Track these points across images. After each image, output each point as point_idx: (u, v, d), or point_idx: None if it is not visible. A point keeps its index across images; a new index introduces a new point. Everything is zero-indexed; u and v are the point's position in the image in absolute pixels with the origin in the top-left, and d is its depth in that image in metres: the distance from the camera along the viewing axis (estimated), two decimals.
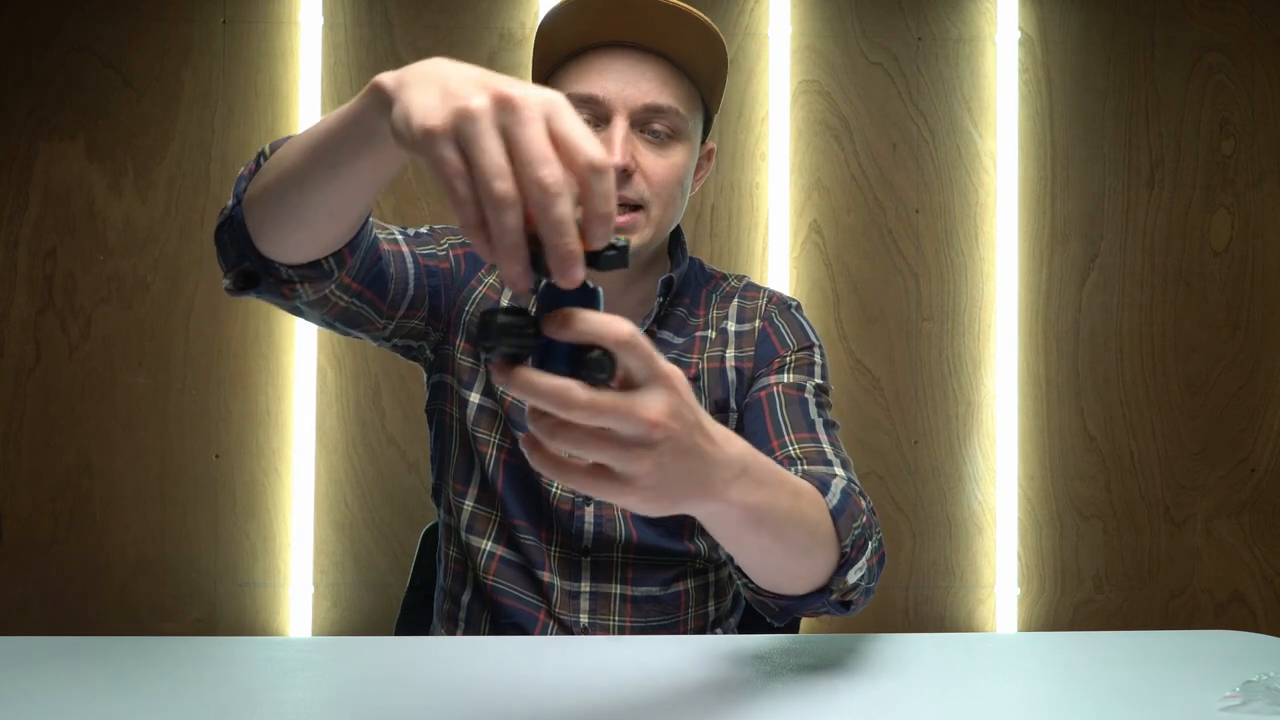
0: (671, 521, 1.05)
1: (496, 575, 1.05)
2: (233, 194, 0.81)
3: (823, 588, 0.80)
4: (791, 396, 1.01)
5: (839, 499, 0.82)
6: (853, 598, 0.83)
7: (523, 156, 0.49)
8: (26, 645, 0.84)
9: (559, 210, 0.49)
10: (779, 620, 0.83)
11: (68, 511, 1.92)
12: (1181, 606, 2.04)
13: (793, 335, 1.09)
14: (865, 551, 0.82)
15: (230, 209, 0.81)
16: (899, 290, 2.01)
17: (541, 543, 1.04)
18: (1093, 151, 2.04)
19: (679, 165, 0.99)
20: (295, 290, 0.85)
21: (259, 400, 1.94)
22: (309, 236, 0.78)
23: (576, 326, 0.50)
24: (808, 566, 0.77)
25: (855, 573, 0.81)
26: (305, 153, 0.70)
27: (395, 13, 1.95)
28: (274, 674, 0.79)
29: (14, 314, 1.92)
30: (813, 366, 1.07)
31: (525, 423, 1.03)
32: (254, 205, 0.78)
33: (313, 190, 0.71)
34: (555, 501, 1.03)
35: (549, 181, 0.49)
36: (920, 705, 0.73)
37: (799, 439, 0.96)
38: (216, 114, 1.94)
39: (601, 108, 0.96)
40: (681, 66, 0.99)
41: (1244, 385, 2.04)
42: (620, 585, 1.04)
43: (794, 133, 2.00)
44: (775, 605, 0.82)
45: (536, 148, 0.49)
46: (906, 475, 2.01)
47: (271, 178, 0.75)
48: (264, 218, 0.77)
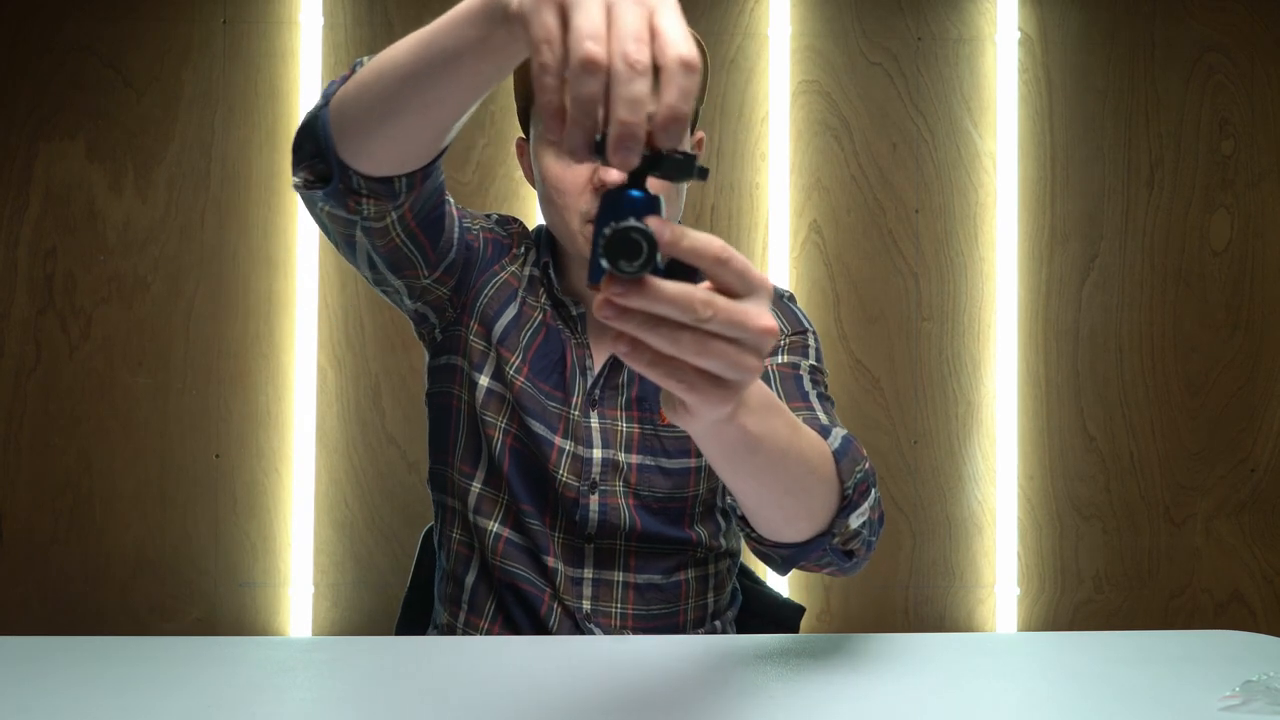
0: (674, 509, 1.06)
1: (504, 556, 1.06)
2: (321, 95, 0.83)
3: (825, 532, 0.80)
4: (786, 374, 1.03)
5: (840, 442, 0.83)
6: (854, 546, 0.83)
7: (619, 32, 0.50)
8: (26, 645, 0.84)
9: (636, 88, 0.49)
10: (782, 570, 0.84)
11: (68, 511, 1.92)
12: (1181, 606, 2.04)
13: (786, 321, 1.11)
14: (868, 498, 0.83)
15: (318, 109, 0.82)
16: (899, 290, 2.01)
17: (546, 528, 1.06)
18: (1092, 151, 2.04)
19: None
20: (360, 205, 0.87)
21: (259, 400, 1.94)
22: (395, 144, 0.80)
23: (683, 244, 0.50)
24: (806, 504, 0.77)
25: (857, 517, 0.81)
26: (415, 47, 0.72)
27: (395, 13, 1.95)
28: (274, 674, 0.79)
29: (14, 314, 1.92)
30: (806, 349, 1.09)
31: (533, 409, 1.05)
32: (346, 105, 0.79)
33: (415, 85, 0.72)
34: (560, 489, 1.05)
35: (635, 57, 0.49)
36: (920, 705, 0.73)
37: (793, 407, 0.97)
38: (217, 114, 1.94)
39: None
40: None
41: (1244, 385, 2.04)
42: (623, 573, 1.06)
43: (794, 133, 2.00)
44: (778, 555, 0.83)
45: (634, 26, 0.50)
46: (906, 475, 2.01)
47: (373, 75, 0.76)
48: (356, 116, 0.79)
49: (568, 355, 1.08)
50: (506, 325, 1.09)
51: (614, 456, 1.05)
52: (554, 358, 1.08)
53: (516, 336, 1.07)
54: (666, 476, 1.06)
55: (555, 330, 1.09)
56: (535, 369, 1.07)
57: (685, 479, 1.06)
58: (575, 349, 1.09)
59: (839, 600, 2.00)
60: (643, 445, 1.06)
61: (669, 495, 1.06)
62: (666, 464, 1.06)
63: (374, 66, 0.77)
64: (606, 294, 0.50)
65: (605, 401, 1.07)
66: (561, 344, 1.09)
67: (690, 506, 1.07)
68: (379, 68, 0.76)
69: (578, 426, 1.06)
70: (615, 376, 1.08)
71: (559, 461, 1.05)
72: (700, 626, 1.10)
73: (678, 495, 1.06)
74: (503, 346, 1.08)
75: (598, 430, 1.06)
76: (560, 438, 1.05)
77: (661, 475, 1.06)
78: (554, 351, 1.09)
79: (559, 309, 1.10)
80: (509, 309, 1.09)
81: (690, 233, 0.51)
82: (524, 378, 1.06)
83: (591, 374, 1.08)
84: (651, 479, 1.06)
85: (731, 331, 0.51)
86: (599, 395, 1.08)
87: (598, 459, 1.05)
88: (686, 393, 0.53)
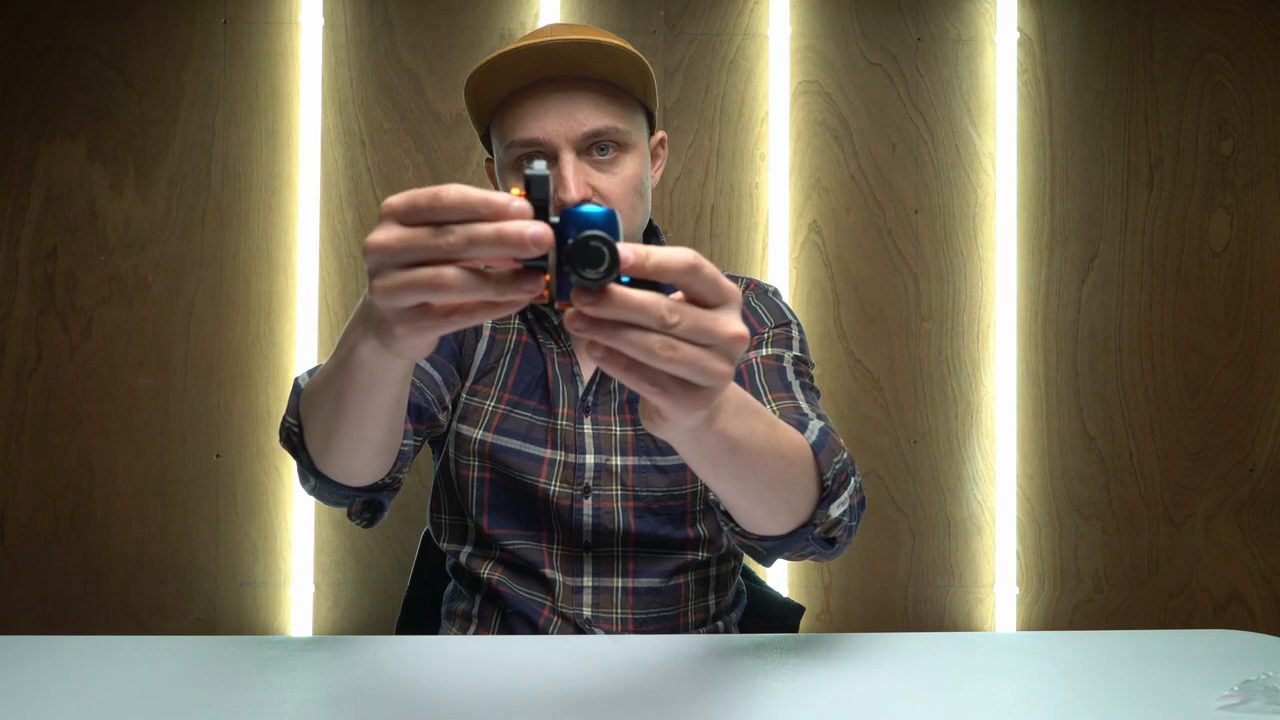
0: (674, 508, 1.07)
1: (501, 583, 1.08)
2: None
3: (806, 523, 0.81)
4: (770, 366, 1.04)
5: (817, 435, 0.84)
6: (836, 534, 0.84)
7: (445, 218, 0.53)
8: (26, 645, 0.84)
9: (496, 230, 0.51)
10: (765, 561, 0.85)
11: (68, 511, 1.92)
12: (1180, 606, 2.04)
13: (770, 314, 1.12)
14: (848, 488, 0.84)
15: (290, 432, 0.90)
16: (899, 290, 2.02)
17: (542, 543, 1.07)
18: (1092, 152, 2.04)
19: (632, 176, 1.03)
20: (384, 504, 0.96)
21: (259, 400, 1.94)
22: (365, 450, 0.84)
23: (648, 265, 0.52)
24: (786, 498, 0.78)
25: (838, 507, 0.82)
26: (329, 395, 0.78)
27: (395, 13, 1.96)
28: (274, 673, 0.79)
29: (15, 314, 1.92)
30: (790, 340, 1.10)
31: (518, 431, 1.08)
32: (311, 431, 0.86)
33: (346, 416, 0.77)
34: (554, 499, 1.06)
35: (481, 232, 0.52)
36: (920, 705, 0.73)
37: (775, 398, 0.98)
38: (217, 114, 1.94)
39: (546, 147, 0.99)
40: (612, 83, 1.02)
41: (1243, 385, 2.05)
42: (622, 578, 1.07)
43: (794, 133, 2.01)
44: (761, 548, 0.84)
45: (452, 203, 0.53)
46: (906, 475, 2.01)
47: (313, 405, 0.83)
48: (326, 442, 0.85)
49: (549, 369, 1.09)
50: (480, 363, 1.10)
51: (608, 461, 1.07)
52: (535, 374, 1.10)
53: (492, 368, 1.10)
54: (663, 474, 1.07)
55: (532, 347, 1.11)
56: (517, 390, 1.09)
57: (682, 475, 1.07)
58: (559, 359, 1.10)
59: (839, 600, 2.01)
60: (637, 446, 1.07)
61: (667, 493, 1.07)
62: (662, 461, 1.07)
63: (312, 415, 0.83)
64: (577, 305, 0.52)
65: (599, 407, 1.08)
66: (541, 359, 1.10)
67: (690, 504, 1.08)
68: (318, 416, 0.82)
69: (567, 435, 1.07)
70: (608, 382, 1.09)
71: (550, 473, 1.06)
72: (702, 628, 1.11)
73: (676, 493, 1.07)
74: (478, 384, 1.10)
75: (591, 436, 1.07)
76: (550, 449, 1.07)
77: (658, 473, 1.07)
78: (534, 369, 1.10)
79: (540, 321, 1.11)
80: (479, 346, 1.11)
81: (655, 251, 0.52)
82: (505, 404, 1.08)
83: (582, 381, 1.09)
84: (649, 478, 1.07)
85: (700, 337, 0.53)
86: (592, 401, 1.08)
87: (590, 464, 1.06)
88: (660, 398, 0.55)
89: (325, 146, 1.95)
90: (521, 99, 1.00)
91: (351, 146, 1.95)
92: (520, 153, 1.00)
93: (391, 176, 1.96)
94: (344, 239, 1.95)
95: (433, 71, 1.96)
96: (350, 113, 1.95)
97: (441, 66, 1.96)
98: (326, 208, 1.95)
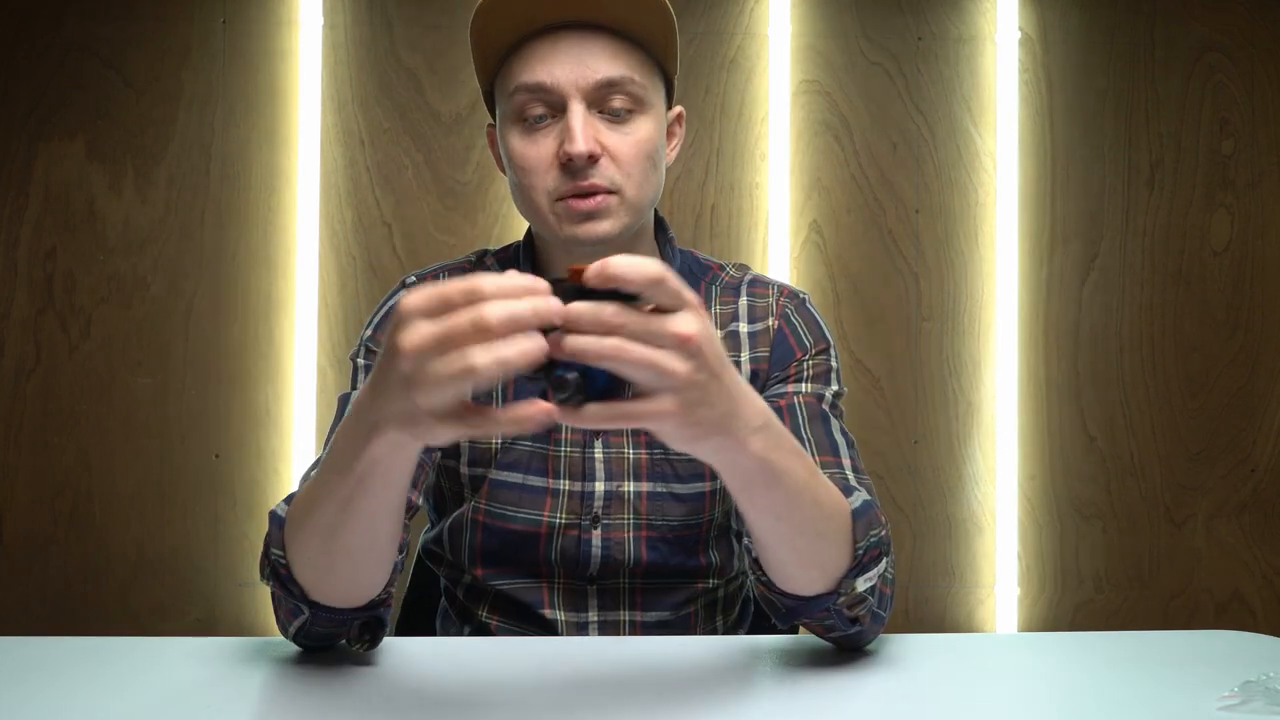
0: (688, 537, 1.01)
1: (498, 627, 1.02)
2: None
3: (832, 591, 0.78)
4: (814, 409, 0.98)
5: (860, 504, 0.81)
6: (859, 613, 0.79)
7: None
8: (26, 645, 0.84)
9: None
10: (784, 622, 0.82)
11: (68, 511, 1.92)
12: (1181, 607, 2.04)
13: (809, 334, 1.06)
14: (880, 565, 0.80)
15: None
16: (899, 290, 2.01)
17: (542, 580, 1.00)
18: (1093, 151, 2.04)
19: (647, 139, 0.93)
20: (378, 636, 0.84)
21: (259, 400, 1.94)
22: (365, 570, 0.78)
23: (609, 272, 0.56)
24: (819, 550, 0.76)
25: (865, 581, 0.78)
26: None
27: (395, 13, 1.95)
28: (274, 674, 0.79)
29: (14, 314, 1.92)
30: (829, 372, 1.04)
31: (518, 464, 0.99)
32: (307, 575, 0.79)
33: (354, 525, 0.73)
34: (561, 532, 0.98)
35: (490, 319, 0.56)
36: (920, 705, 0.73)
37: (823, 462, 0.93)
38: (216, 114, 1.94)
39: (553, 95, 0.90)
40: (629, 35, 0.92)
41: (1244, 385, 2.04)
42: (629, 612, 1.00)
43: (794, 133, 2.00)
44: (783, 605, 0.80)
45: None
46: (906, 475, 2.01)
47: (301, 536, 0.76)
48: None
49: (549, 394, 1.02)
50: None
51: (619, 488, 0.99)
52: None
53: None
54: (680, 503, 1.00)
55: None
56: None
57: (700, 504, 1.00)
58: None
59: None
60: (653, 471, 0.99)
61: (683, 523, 1.00)
62: (679, 489, 1.00)
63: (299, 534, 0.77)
64: None
65: (610, 430, 0.99)
66: None
67: (705, 531, 1.01)
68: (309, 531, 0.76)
69: (573, 463, 0.99)
70: None
71: (555, 505, 0.98)
72: None
73: (692, 522, 1.00)
74: None
75: (602, 462, 0.99)
76: (552, 479, 0.99)
77: (675, 501, 0.99)
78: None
79: None
80: None
81: (622, 261, 0.56)
82: (502, 437, 0.98)
83: None
84: (664, 507, 0.99)
85: (651, 339, 0.58)
86: None
87: (600, 492, 0.98)
88: (629, 411, 0.60)
89: (324, 146, 1.95)
90: (532, 43, 0.91)
91: (351, 146, 1.95)
92: (525, 99, 0.91)
93: (391, 176, 1.95)
94: (343, 239, 1.95)
95: (432, 71, 1.96)
96: (349, 112, 1.95)
97: (441, 66, 1.96)
98: (326, 207, 1.95)
